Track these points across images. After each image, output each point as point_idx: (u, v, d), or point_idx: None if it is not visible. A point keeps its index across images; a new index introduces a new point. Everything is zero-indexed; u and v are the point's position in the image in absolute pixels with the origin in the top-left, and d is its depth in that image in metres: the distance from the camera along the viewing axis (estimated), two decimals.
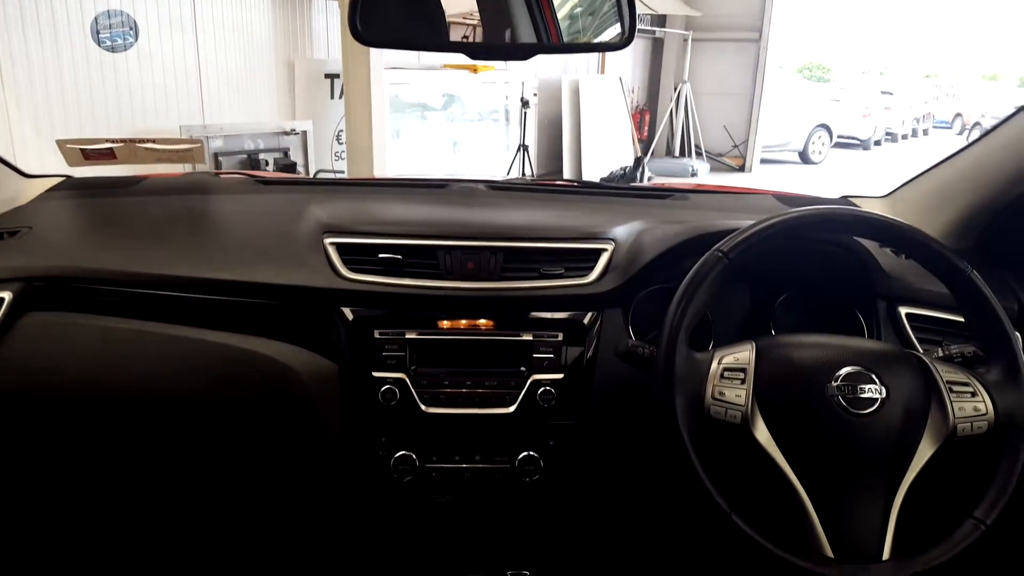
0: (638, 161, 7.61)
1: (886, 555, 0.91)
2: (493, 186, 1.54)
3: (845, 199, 1.53)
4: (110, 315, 1.17)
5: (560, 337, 1.17)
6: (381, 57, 4.65)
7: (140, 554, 1.42)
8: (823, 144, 13.01)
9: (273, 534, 1.32)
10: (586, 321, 1.19)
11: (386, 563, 1.28)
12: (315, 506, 1.21)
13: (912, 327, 1.21)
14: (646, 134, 11.07)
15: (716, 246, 0.99)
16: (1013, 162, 1.22)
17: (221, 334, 1.15)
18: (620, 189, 1.67)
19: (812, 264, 1.24)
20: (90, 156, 1.42)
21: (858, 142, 15.09)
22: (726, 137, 11.07)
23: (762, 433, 0.94)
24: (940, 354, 1.05)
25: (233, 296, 1.16)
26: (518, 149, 7.29)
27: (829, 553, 0.90)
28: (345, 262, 1.17)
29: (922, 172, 1.44)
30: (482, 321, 1.17)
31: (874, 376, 0.95)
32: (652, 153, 10.78)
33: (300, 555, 1.32)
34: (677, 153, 10.83)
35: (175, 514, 1.34)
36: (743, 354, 0.99)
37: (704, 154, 10.78)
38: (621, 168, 7.64)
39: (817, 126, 12.82)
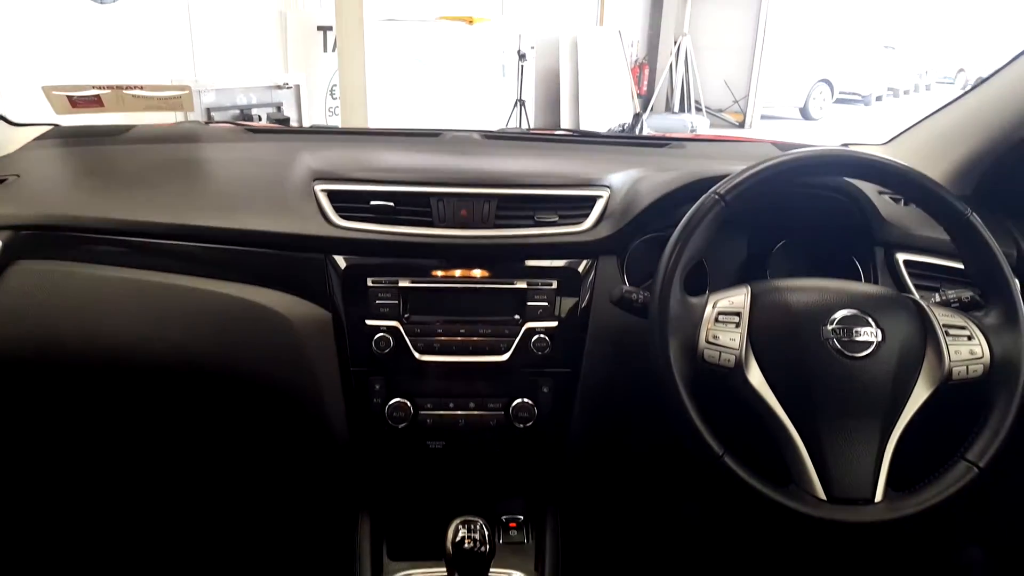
0: (636, 117, 7.54)
1: (879, 497, 0.91)
2: (488, 135, 1.52)
3: (845, 146, 1.51)
4: (101, 264, 1.16)
5: (554, 285, 1.17)
6: (374, 8, 4.55)
7: (135, 506, 1.44)
8: (824, 100, 12.87)
9: (269, 479, 1.34)
10: (581, 269, 1.18)
11: (381, 507, 1.29)
12: (310, 453, 1.22)
13: (910, 274, 1.20)
14: (645, 89, 10.94)
15: (712, 189, 0.98)
16: (1014, 106, 1.20)
17: (213, 282, 1.15)
18: (617, 138, 1.65)
19: (810, 212, 1.23)
20: (77, 104, 1.39)
21: (859, 98, 14.92)
22: (726, 92, 10.94)
23: (755, 377, 0.94)
24: (937, 299, 1.04)
25: (223, 244, 1.16)
26: (515, 104, 7.19)
27: (821, 495, 0.91)
28: (336, 209, 1.16)
29: (922, 119, 1.42)
30: (476, 269, 1.17)
31: (870, 319, 0.95)
32: (651, 109, 10.66)
33: (294, 500, 1.33)
34: (676, 109, 10.71)
35: (172, 463, 1.35)
36: (738, 298, 0.98)
37: (704, 110, 10.66)
38: (619, 125, 7.57)
39: (818, 81, 12.67)
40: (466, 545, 0.94)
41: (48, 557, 1.51)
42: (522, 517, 1.31)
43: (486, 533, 0.95)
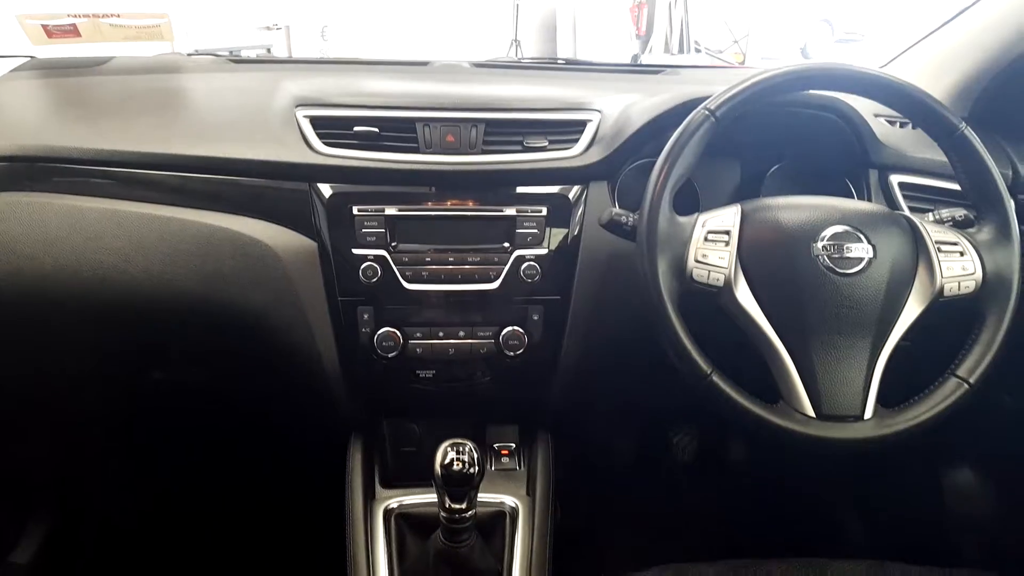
0: (635, 58, 7.40)
1: (868, 414, 0.91)
2: (478, 64, 1.49)
3: None
4: (79, 195, 1.14)
5: (544, 212, 1.15)
6: None
7: (120, 439, 1.45)
8: (825, 40, 12.62)
9: (259, 411, 1.34)
10: (571, 196, 1.16)
11: (372, 436, 1.30)
12: (299, 383, 1.22)
13: (904, 196, 1.19)
14: (644, 29, 10.70)
15: (703, 104, 0.95)
16: (1012, 22, 1.17)
17: (195, 212, 1.13)
18: (611, 66, 1.61)
19: (804, 135, 1.20)
20: (53, 33, 1.36)
21: (861, 38, 14.64)
22: (726, 33, 10.72)
23: (744, 295, 0.93)
24: (931, 219, 1.03)
25: (204, 173, 1.13)
26: (510, 44, 7.06)
27: (810, 413, 0.90)
28: (320, 136, 1.14)
29: (917, 41, 1.38)
30: (464, 197, 1.15)
31: (861, 235, 0.93)
32: (650, 49, 10.45)
33: (285, 431, 1.34)
34: (676, 50, 10.49)
35: (158, 396, 1.35)
36: (728, 216, 0.97)
37: (703, 51, 10.45)
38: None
39: (819, 21, 12.40)
40: (455, 467, 0.94)
41: (37, 490, 1.53)
42: (514, 445, 1.32)
43: (475, 455, 0.95)
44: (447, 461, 0.94)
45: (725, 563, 1.07)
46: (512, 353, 1.17)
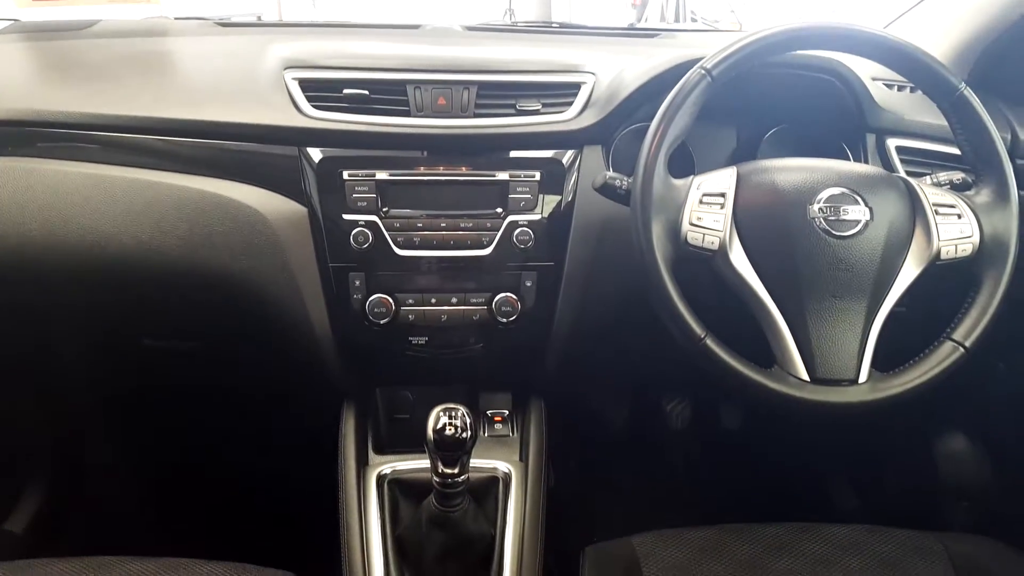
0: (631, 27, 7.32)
1: (863, 378, 0.90)
2: (470, 27, 1.46)
3: None
4: (66, 160, 1.12)
5: (538, 177, 1.13)
6: None
7: (113, 401, 1.44)
8: (826, 7, 12.50)
9: (252, 378, 1.34)
10: (565, 160, 1.14)
11: (364, 403, 1.29)
12: (291, 350, 1.21)
13: (901, 160, 1.17)
14: None
15: (699, 63, 0.94)
16: None
17: (183, 177, 1.11)
18: (606, 29, 1.58)
19: (801, 98, 1.19)
20: None
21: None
22: (723, 2, 10.61)
23: (739, 259, 0.92)
24: (928, 182, 1.02)
25: (191, 137, 1.12)
26: (504, 12, 6.97)
27: (804, 376, 0.90)
28: (309, 99, 1.12)
29: (916, 3, 1.36)
30: (456, 161, 1.13)
31: (858, 197, 0.92)
32: (646, 20, 10.35)
33: (277, 397, 1.34)
34: (673, 20, 10.40)
35: (150, 362, 1.35)
36: (724, 179, 0.95)
37: (699, 19, 10.36)
38: None
39: None
40: (447, 432, 0.93)
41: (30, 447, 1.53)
42: (507, 412, 1.31)
43: (467, 420, 0.95)
44: (439, 426, 0.94)
45: (719, 527, 1.07)
46: (505, 320, 1.16)
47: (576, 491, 1.60)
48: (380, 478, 1.18)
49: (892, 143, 1.18)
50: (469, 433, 0.94)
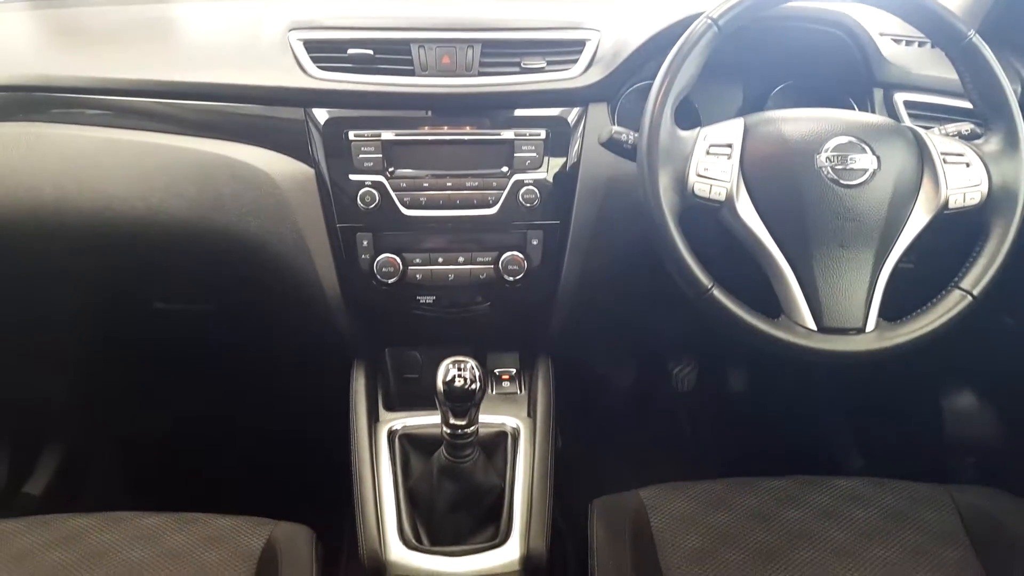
0: None
1: (870, 327, 0.90)
2: None
3: None
4: (75, 124, 1.13)
5: (543, 135, 1.13)
6: None
7: (123, 366, 1.45)
8: None
9: (262, 337, 1.35)
10: (570, 119, 1.14)
11: (375, 360, 1.31)
12: (301, 310, 1.22)
13: (909, 115, 1.17)
14: None
15: (705, 12, 0.93)
16: None
17: (191, 139, 1.12)
18: None
19: (808, 53, 1.18)
20: None
21: None
22: None
23: (746, 209, 0.92)
24: (937, 132, 1.01)
25: (199, 100, 1.12)
26: None
27: (811, 326, 0.90)
28: (314, 59, 1.12)
29: None
30: (461, 120, 1.13)
31: (865, 146, 0.92)
32: None
33: (288, 356, 1.35)
34: None
35: (162, 324, 1.36)
36: (731, 129, 0.95)
37: None
38: None
39: None
40: (456, 383, 0.95)
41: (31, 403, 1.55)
42: (514, 370, 1.33)
43: (476, 372, 0.96)
44: (449, 378, 0.95)
45: (726, 480, 1.08)
46: (512, 278, 1.16)
47: (583, 452, 1.61)
48: (391, 433, 1.20)
49: (900, 97, 1.17)
50: (478, 384, 0.95)
